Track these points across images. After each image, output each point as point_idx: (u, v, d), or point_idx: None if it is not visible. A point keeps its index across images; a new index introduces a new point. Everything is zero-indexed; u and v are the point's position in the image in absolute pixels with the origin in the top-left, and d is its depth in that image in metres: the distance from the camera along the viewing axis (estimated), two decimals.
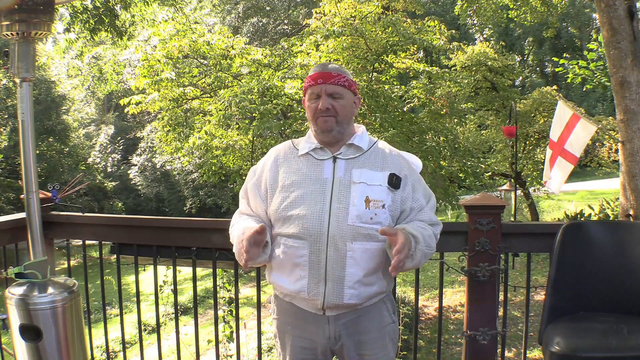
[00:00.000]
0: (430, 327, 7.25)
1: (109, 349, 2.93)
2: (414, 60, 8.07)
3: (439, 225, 1.73)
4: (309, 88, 1.71)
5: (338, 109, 1.68)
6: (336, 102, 1.68)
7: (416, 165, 1.79)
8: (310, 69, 1.78)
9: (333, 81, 1.68)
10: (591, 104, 22.03)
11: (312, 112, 1.70)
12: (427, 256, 1.64)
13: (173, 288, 2.65)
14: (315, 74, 1.70)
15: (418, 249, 1.57)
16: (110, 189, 19.68)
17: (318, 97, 1.68)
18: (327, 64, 1.81)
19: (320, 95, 1.68)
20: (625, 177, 2.92)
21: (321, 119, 1.68)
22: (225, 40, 8.01)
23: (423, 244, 1.59)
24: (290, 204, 1.65)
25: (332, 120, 1.67)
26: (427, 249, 1.61)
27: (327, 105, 1.66)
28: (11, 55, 2.09)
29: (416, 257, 1.57)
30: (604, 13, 2.92)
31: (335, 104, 1.67)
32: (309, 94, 1.71)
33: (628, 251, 2.08)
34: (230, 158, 8.46)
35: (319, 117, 1.68)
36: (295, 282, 1.65)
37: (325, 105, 1.66)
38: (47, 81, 16.91)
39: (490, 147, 11.78)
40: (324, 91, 1.67)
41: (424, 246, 1.59)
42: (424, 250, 1.60)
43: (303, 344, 1.72)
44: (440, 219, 1.77)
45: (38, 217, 2.17)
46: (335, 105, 1.67)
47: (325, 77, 1.68)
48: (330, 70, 1.70)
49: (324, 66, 1.73)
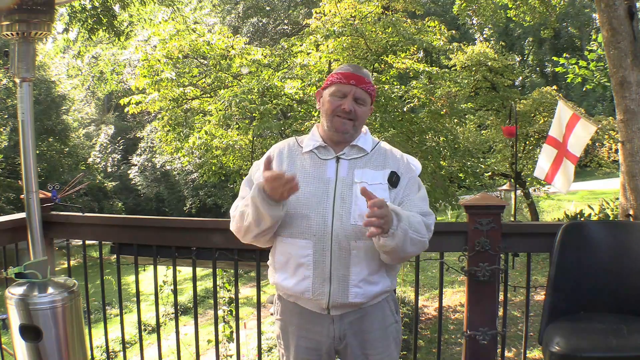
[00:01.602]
0: (430, 327, 7.25)
1: (109, 349, 2.93)
2: (414, 60, 8.06)
3: (430, 215, 1.68)
4: (336, 84, 1.68)
5: (359, 115, 1.68)
6: (359, 108, 1.68)
7: (415, 166, 1.78)
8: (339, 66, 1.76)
9: (364, 86, 1.68)
10: (591, 104, 22.02)
11: (332, 109, 1.68)
12: (415, 243, 1.57)
13: (173, 288, 2.65)
14: (348, 73, 1.68)
15: (400, 227, 1.50)
16: (110, 189, 19.68)
17: (343, 97, 1.67)
18: (360, 67, 1.79)
19: (347, 95, 1.67)
20: (625, 177, 2.92)
21: (339, 119, 1.67)
22: (225, 40, 8.01)
23: (407, 225, 1.52)
24: (294, 203, 1.64)
25: (350, 124, 1.67)
26: (413, 233, 1.55)
27: (351, 108, 1.66)
28: (11, 55, 2.09)
29: (397, 235, 1.50)
30: (604, 13, 2.92)
31: (357, 109, 1.67)
32: (334, 89, 1.69)
33: (628, 251, 2.09)
34: (230, 158, 8.46)
35: (337, 117, 1.67)
36: (300, 283, 1.65)
37: (350, 108, 1.66)
38: (47, 81, 16.90)
39: (490, 147, 11.77)
40: (353, 93, 1.66)
41: (407, 226, 1.52)
42: (408, 231, 1.52)
43: (307, 344, 1.72)
44: (440, 219, 1.77)
45: (38, 217, 2.18)
46: (357, 110, 1.67)
47: (358, 80, 1.67)
48: (363, 75, 1.69)
49: (357, 68, 1.72)
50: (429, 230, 1.66)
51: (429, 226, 1.66)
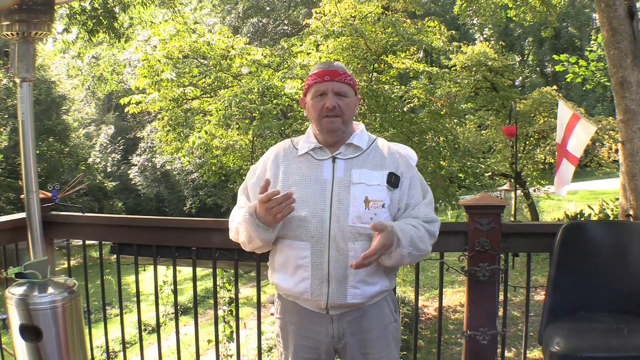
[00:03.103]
0: (430, 327, 7.25)
1: (109, 349, 2.93)
2: (413, 60, 8.07)
3: (436, 222, 1.69)
4: (313, 85, 1.68)
5: (344, 108, 1.66)
6: (342, 101, 1.66)
7: (412, 158, 1.77)
8: (312, 69, 1.76)
9: (340, 79, 1.66)
10: (591, 104, 22.02)
11: (318, 111, 1.66)
12: (413, 257, 1.61)
13: (173, 288, 2.65)
14: (321, 71, 1.67)
15: (397, 251, 1.55)
16: (110, 189, 19.67)
17: (323, 95, 1.66)
18: (331, 62, 1.78)
19: (326, 92, 1.65)
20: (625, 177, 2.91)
21: (327, 120, 1.65)
22: (225, 40, 8.01)
23: (407, 247, 1.56)
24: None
25: (339, 121, 1.66)
26: (412, 251, 1.58)
27: (334, 104, 1.64)
28: (11, 55, 2.09)
29: (394, 257, 1.56)
30: (604, 13, 2.92)
31: (341, 103, 1.65)
32: (313, 91, 1.68)
33: (628, 251, 2.09)
34: (230, 158, 8.46)
35: (325, 117, 1.66)
36: (299, 284, 1.65)
37: (333, 104, 1.64)
38: (47, 81, 16.90)
39: (490, 147, 11.77)
40: (331, 89, 1.65)
41: (407, 249, 1.56)
42: (405, 253, 1.57)
43: (307, 343, 1.72)
44: (440, 219, 1.76)
45: (38, 217, 2.17)
46: (341, 104, 1.65)
47: (332, 75, 1.65)
48: (336, 68, 1.67)
49: (329, 64, 1.71)
50: (433, 238, 1.67)
51: (433, 234, 1.67)
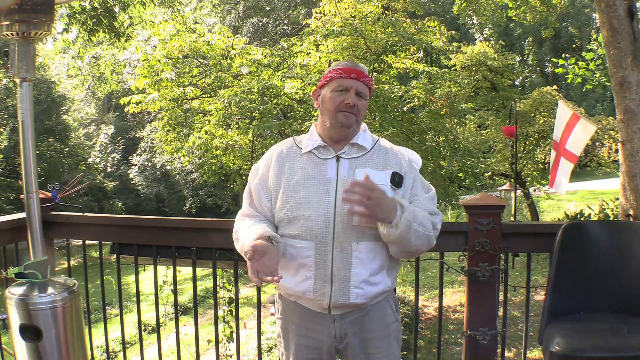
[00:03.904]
0: (430, 327, 7.25)
1: (109, 349, 2.93)
2: (413, 60, 8.07)
3: (437, 214, 1.69)
4: (337, 79, 1.68)
5: (361, 109, 1.69)
6: (360, 102, 1.68)
7: (416, 162, 1.78)
8: (334, 64, 1.76)
9: (365, 80, 1.69)
10: (591, 104, 22.03)
11: (336, 104, 1.67)
12: (420, 236, 1.58)
13: (173, 288, 2.65)
14: (348, 68, 1.69)
15: (404, 217, 1.53)
16: (110, 189, 19.66)
17: (344, 91, 1.67)
18: (356, 62, 1.80)
19: (349, 89, 1.67)
20: (625, 177, 2.91)
21: (343, 114, 1.67)
22: (225, 40, 8.01)
23: (411, 217, 1.54)
24: (295, 205, 1.64)
25: (353, 119, 1.68)
26: (417, 226, 1.56)
27: (355, 102, 1.66)
28: (11, 55, 2.09)
29: (400, 226, 1.53)
30: (604, 13, 2.92)
31: (359, 103, 1.68)
32: (334, 85, 1.69)
33: (628, 251, 2.09)
34: (230, 158, 8.47)
35: (342, 112, 1.67)
36: (301, 283, 1.65)
37: (354, 102, 1.66)
38: (47, 81, 16.89)
39: (490, 147, 11.78)
40: (355, 87, 1.67)
41: (411, 218, 1.54)
42: (412, 223, 1.54)
43: (308, 343, 1.72)
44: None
45: (38, 217, 2.18)
46: (359, 104, 1.68)
47: (359, 74, 1.68)
48: (362, 69, 1.70)
49: (354, 63, 1.73)
50: (435, 228, 1.66)
51: (435, 224, 1.66)
